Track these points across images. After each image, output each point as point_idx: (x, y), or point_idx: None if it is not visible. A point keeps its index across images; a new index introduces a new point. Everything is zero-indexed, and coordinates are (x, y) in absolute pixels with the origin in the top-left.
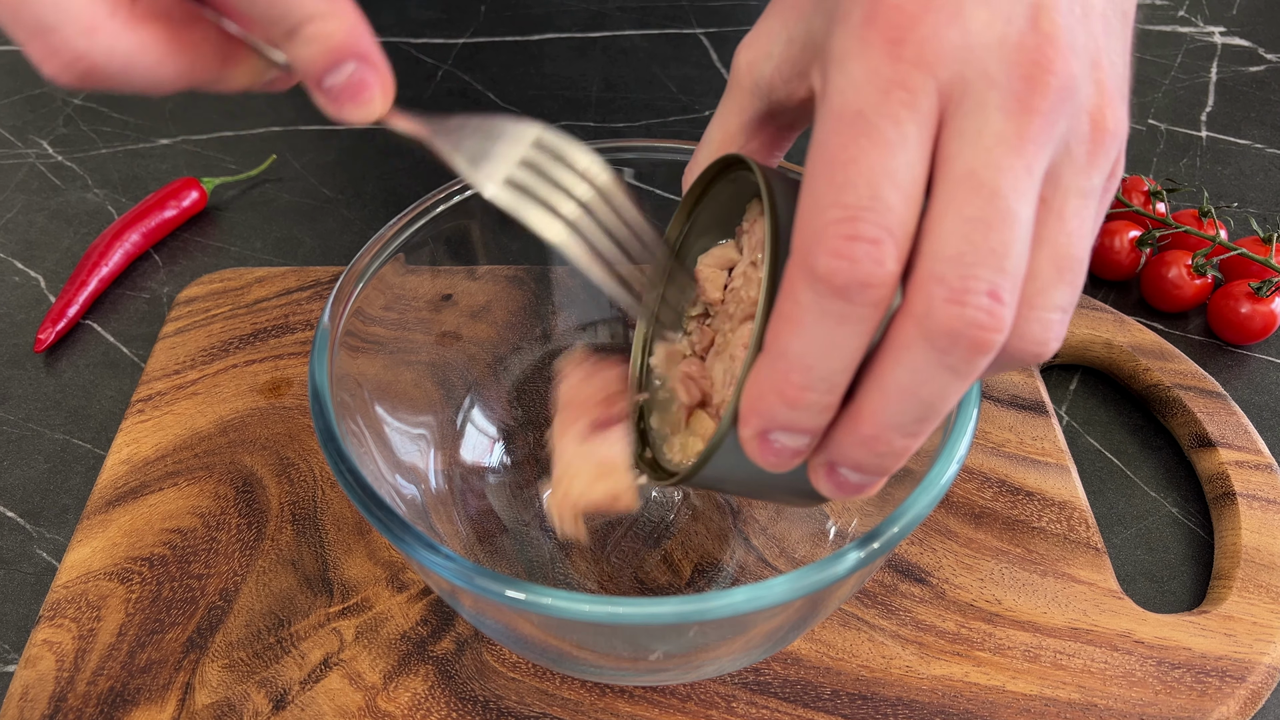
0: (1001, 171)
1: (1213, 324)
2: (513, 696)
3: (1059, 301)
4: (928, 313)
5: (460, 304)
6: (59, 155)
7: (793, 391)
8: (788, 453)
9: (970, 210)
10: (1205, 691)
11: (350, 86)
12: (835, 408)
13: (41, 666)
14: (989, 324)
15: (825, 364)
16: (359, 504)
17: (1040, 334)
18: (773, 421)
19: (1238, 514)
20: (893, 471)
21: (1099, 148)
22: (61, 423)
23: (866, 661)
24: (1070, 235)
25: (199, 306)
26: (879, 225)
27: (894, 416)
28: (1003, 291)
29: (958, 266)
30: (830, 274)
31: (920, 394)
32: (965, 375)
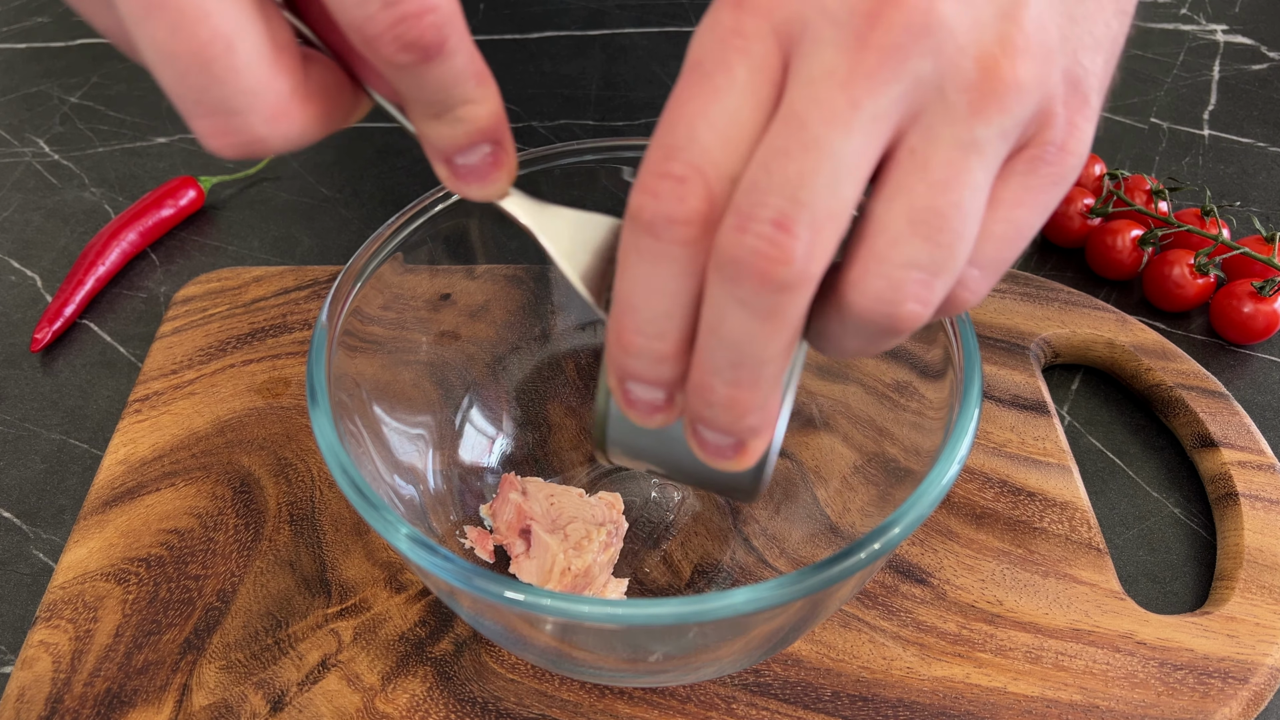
0: (816, 102)
1: (1215, 323)
2: (511, 698)
3: (911, 257)
4: (719, 244)
5: (459, 303)
6: (55, 154)
7: (626, 336)
8: (645, 405)
9: (776, 142)
10: (1208, 693)
11: (479, 169)
12: (673, 358)
13: (38, 668)
14: (771, 253)
15: (649, 306)
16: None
17: (885, 291)
18: (622, 369)
19: (1240, 514)
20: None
21: (989, 97)
22: (58, 423)
23: (867, 663)
24: (933, 186)
25: (196, 306)
26: (687, 164)
27: (711, 361)
28: (793, 222)
29: (748, 195)
30: (637, 210)
31: (724, 334)
32: (764, 314)
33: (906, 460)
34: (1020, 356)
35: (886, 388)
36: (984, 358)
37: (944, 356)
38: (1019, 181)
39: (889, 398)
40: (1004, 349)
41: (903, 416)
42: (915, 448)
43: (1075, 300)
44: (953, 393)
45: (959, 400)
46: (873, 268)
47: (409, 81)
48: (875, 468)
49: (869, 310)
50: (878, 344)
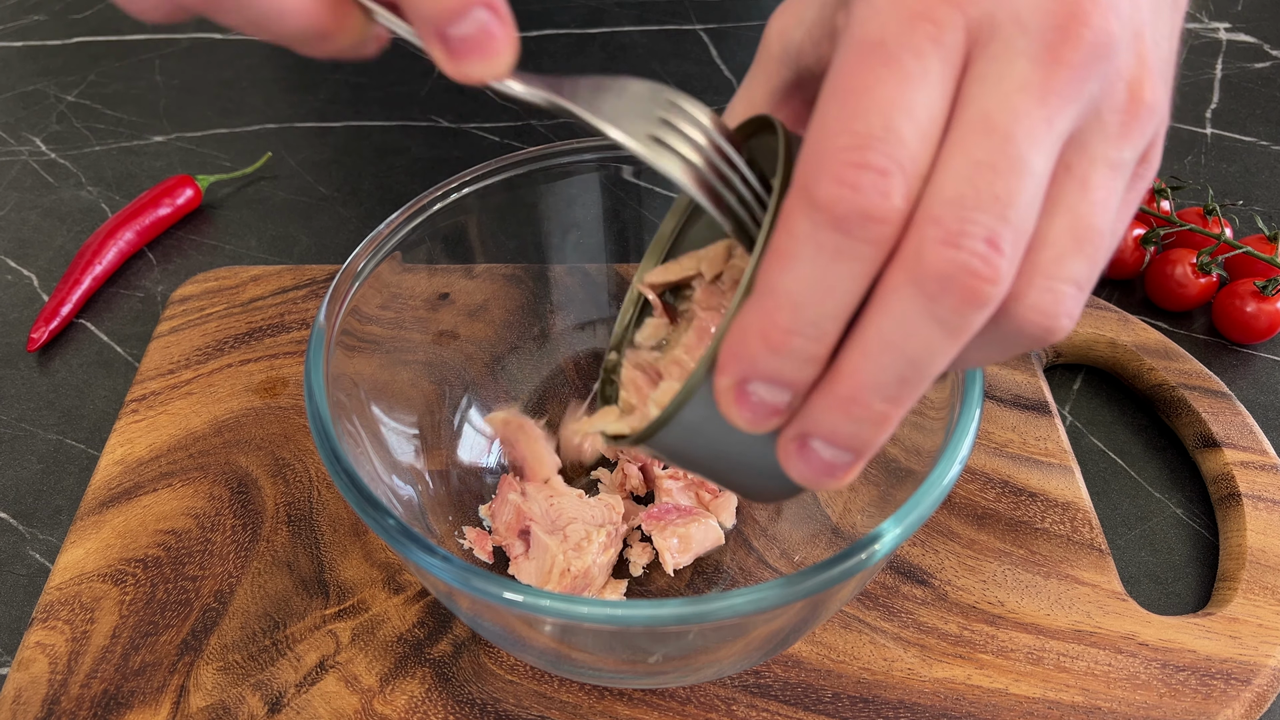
0: (1018, 118)
1: (1218, 323)
2: (510, 699)
3: (1073, 274)
4: (918, 255)
5: (457, 303)
6: (52, 153)
7: (778, 334)
8: (765, 409)
9: (978, 153)
10: (1210, 694)
11: (478, 38)
12: (822, 362)
13: (34, 669)
14: (983, 272)
15: (816, 305)
16: (355, 505)
17: (1049, 305)
18: (753, 368)
19: (1243, 515)
20: (868, 451)
21: (1134, 119)
22: (55, 423)
23: (868, 664)
24: (1093, 205)
25: (193, 305)
26: (889, 156)
27: (874, 373)
28: (1002, 241)
29: (956, 209)
30: (831, 202)
31: (904, 347)
32: (954, 331)
33: (907, 460)
34: (1022, 356)
35: None
36: None
37: None
38: (1125, 197)
39: None
40: None
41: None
42: (916, 448)
43: None
44: (954, 392)
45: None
46: (1038, 281)
47: None
48: (876, 468)
49: (1029, 323)
50: (1010, 355)
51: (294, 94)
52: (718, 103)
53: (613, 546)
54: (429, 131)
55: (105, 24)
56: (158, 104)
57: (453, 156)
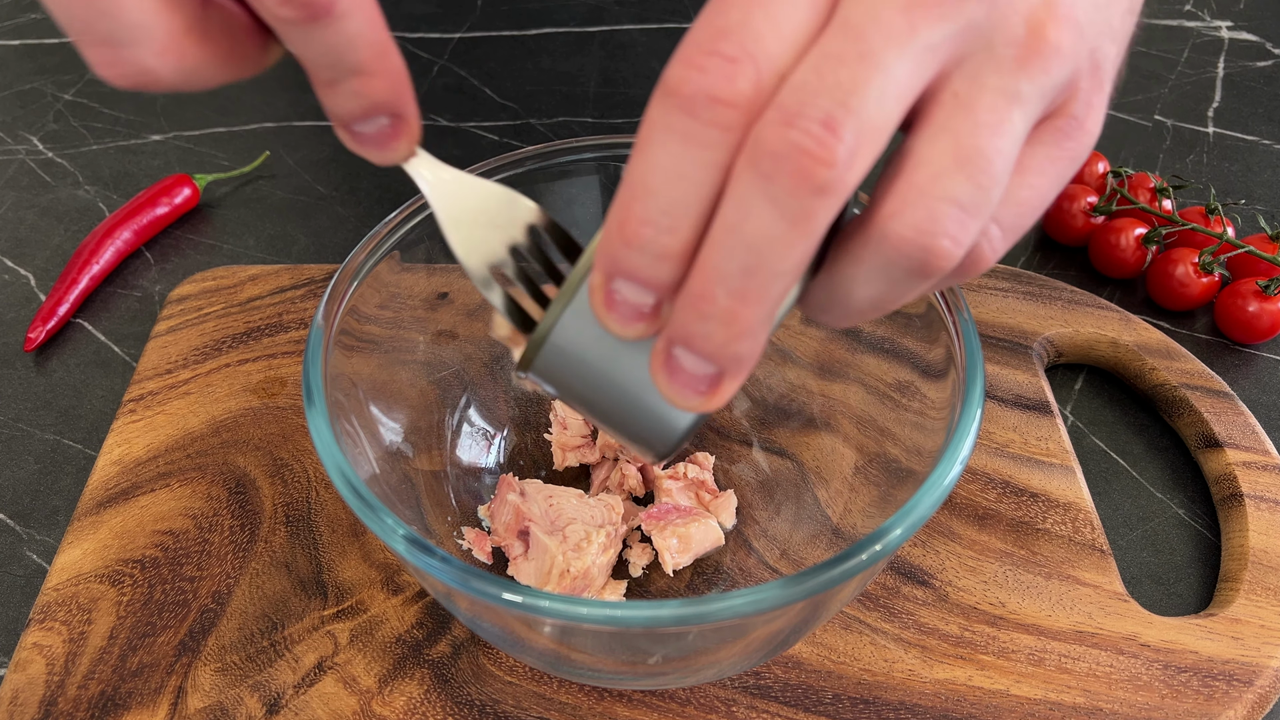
0: (876, 17)
1: (1220, 323)
2: (509, 701)
3: (953, 192)
4: (757, 137)
5: (456, 302)
6: (49, 151)
7: (632, 225)
8: (629, 310)
9: (830, 47)
10: (1212, 696)
11: (377, 138)
12: (678, 260)
13: (31, 670)
14: (815, 151)
15: (666, 193)
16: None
17: (924, 221)
18: (614, 263)
19: (1245, 515)
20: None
21: (1034, 55)
22: (52, 423)
23: (868, 665)
24: (979, 127)
25: (191, 305)
26: (739, 45)
27: (718, 263)
28: (840, 126)
29: (798, 93)
30: (676, 83)
31: (743, 232)
32: (793, 218)
33: (908, 461)
34: (1023, 356)
35: (888, 387)
36: (986, 357)
37: (946, 356)
38: (1043, 151)
39: (890, 397)
40: (1006, 348)
41: (904, 416)
42: (917, 448)
43: (1078, 299)
44: (955, 392)
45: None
46: (912, 199)
47: (298, 40)
48: (876, 468)
49: (905, 242)
50: (897, 289)
51: (292, 92)
52: None
53: (612, 547)
54: (427, 130)
55: None
56: (155, 103)
57: (451, 155)
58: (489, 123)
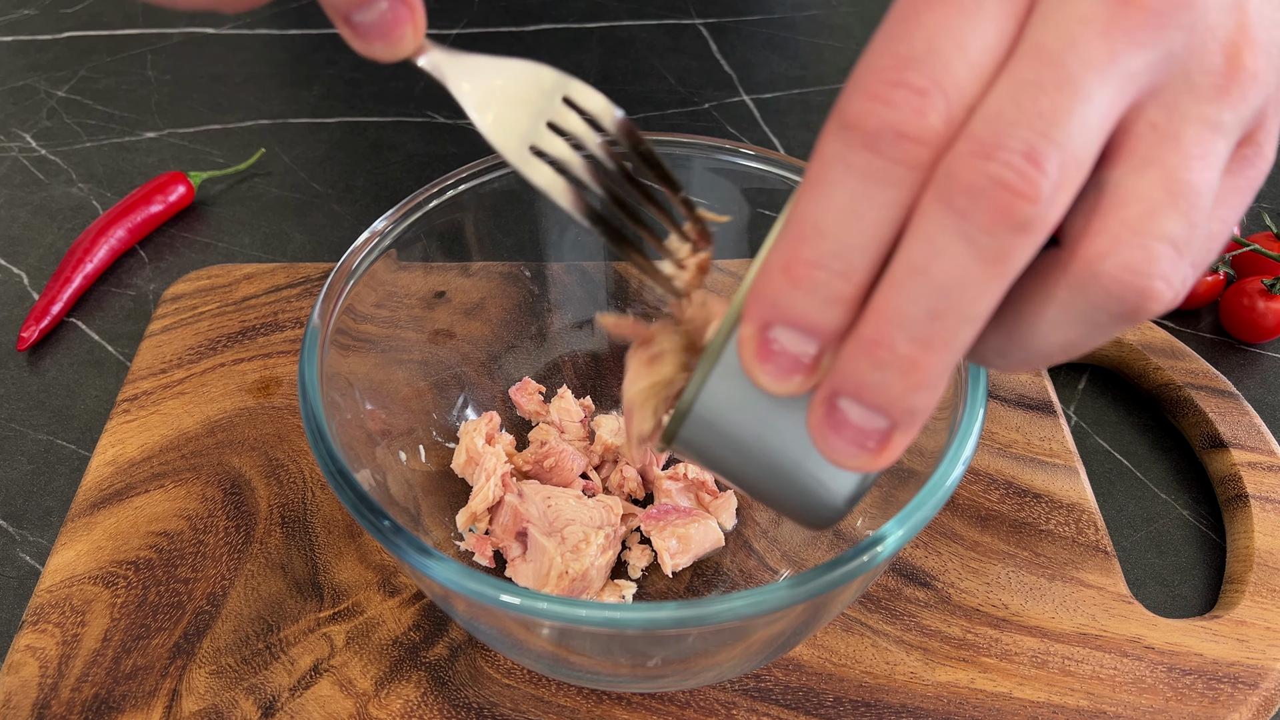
0: (1074, 43)
1: (1224, 322)
2: (507, 703)
3: (1168, 231)
4: (950, 170)
5: (453, 301)
6: (42, 149)
7: (801, 267)
8: (788, 362)
9: (1024, 74)
10: (1217, 698)
11: (381, 24)
12: (850, 305)
13: (24, 673)
14: (1018, 185)
15: (842, 234)
16: (350, 506)
17: (1140, 263)
18: (774, 309)
19: (1250, 516)
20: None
21: (1233, 84)
22: (45, 423)
23: (870, 668)
24: (1188, 159)
25: (186, 304)
26: (929, 76)
27: (900, 306)
28: (1044, 158)
29: (994, 124)
30: (861, 118)
31: (932, 274)
32: (990, 257)
33: (910, 461)
34: None
35: None
36: None
37: None
38: (1231, 182)
39: None
40: None
41: None
42: (919, 448)
43: None
44: (957, 392)
45: (964, 400)
46: (1126, 238)
47: None
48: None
49: (1118, 284)
50: (1095, 333)
51: (287, 89)
52: (718, 98)
53: (611, 548)
54: (424, 127)
55: (96, 18)
56: (149, 100)
57: (448, 152)
58: None
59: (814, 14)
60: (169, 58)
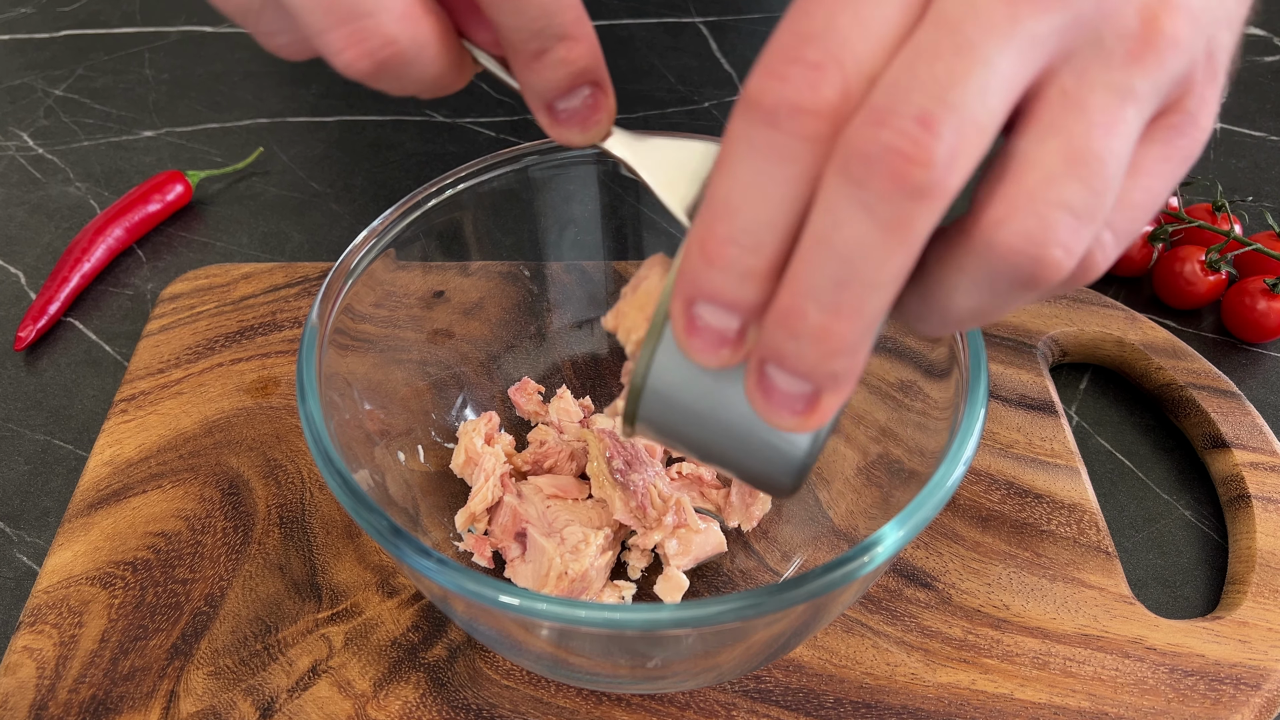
0: (974, 10)
1: (1227, 321)
2: (506, 705)
3: (1066, 197)
4: (846, 141)
5: (452, 301)
6: (39, 148)
7: (714, 244)
8: (712, 336)
9: (924, 42)
10: (1219, 700)
11: (582, 111)
12: (763, 279)
13: (21, 674)
14: (910, 151)
15: (750, 210)
16: (348, 506)
17: (1036, 230)
18: (696, 286)
19: (1253, 517)
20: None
21: (1147, 48)
22: (42, 423)
23: (870, 669)
24: (1091, 127)
25: (184, 303)
26: (824, 51)
27: (809, 277)
28: (938, 122)
29: (889, 91)
30: (757, 94)
31: (836, 244)
32: (889, 225)
33: (911, 461)
34: (1027, 355)
35: (890, 387)
36: (990, 356)
37: (949, 355)
38: (1156, 150)
39: (893, 397)
40: (1010, 347)
41: (907, 416)
42: (920, 448)
43: (1083, 298)
44: (958, 392)
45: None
46: (1023, 204)
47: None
48: (879, 469)
49: (1014, 251)
50: (1001, 300)
51: (286, 88)
52: (718, 96)
53: (611, 549)
54: (423, 126)
55: (93, 17)
56: (147, 98)
57: (448, 152)
58: (486, 118)
59: None
60: (167, 56)
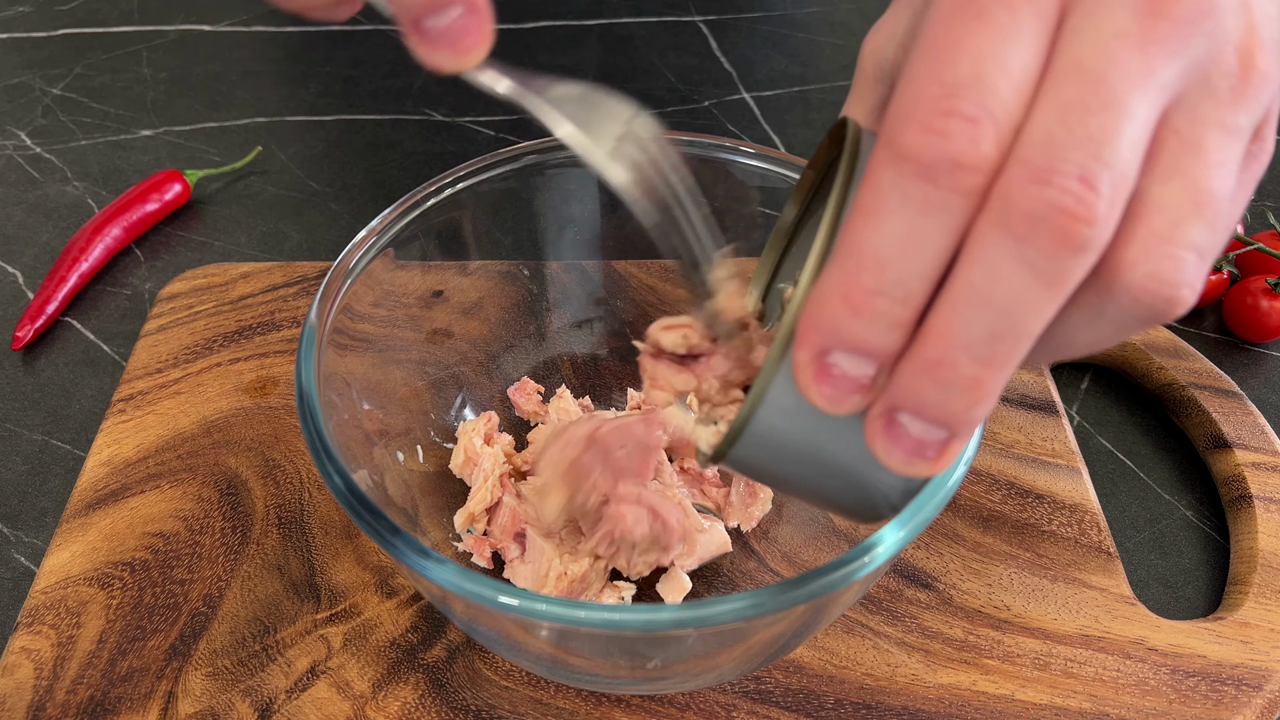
0: (1113, 61)
1: (1228, 321)
2: (506, 706)
3: (1194, 239)
4: (1006, 197)
5: (451, 300)
6: (37, 147)
7: (861, 295)
8: (847, 384)
9: (1070, 95)
10: (1221, 700)
11: (451, 33)
12: (908, 328)
13: (19, 675)
14: (1076, 210)
15: (902, 263)
16: (347, 507)
17: (1169, 273)
18: (834, 336)
19: (1254, 517)
20: (961, 426)
21: (1246, 85)
22: (40, 423)
23: (871, 670)
24: (1210, 168)
25: (182, 303)
26: (978, 104)
27: (962, 329)
28: (1098, 180)
29: (1046, 148)
30: (917, 150)
31: (993, 297)
32: (1049, 279)
33: None
34: None
35: None
36: None
37: None
38: (1242, 178)
39: None
40: None
41: None
42: None
43: None
44: None
45: None
46: (1154, 247)
47: None
48: None
49: (1145, 292)
50: (1121, 334)
51: (284, 87)
52: (718, 96)
53: None
54: (422, 125)
55: (91, 15)
56: (145, 97)
57: (447, 151)
58: (485, 118)
59: (814, 11)
60: (165, 55)
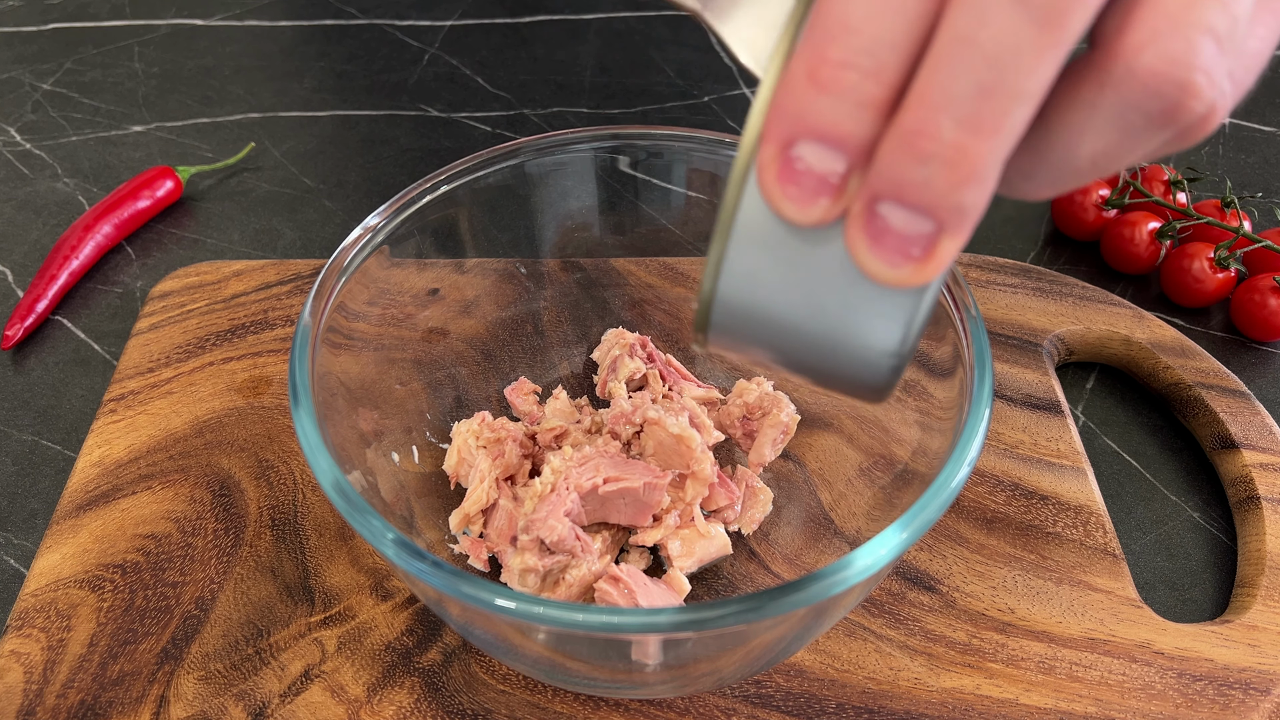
0: None
1: (1236, 320)
2: (503, 710)
3: (1209, 21)
4: None
5: (447, 299)
6: (27, 143)
7: (828, 69)
8: (812, 182)
9: None
10: (1228, 704)
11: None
12: (881, 110)
13: (9, 678)
14: None
15: (873, 25)
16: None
17: (1180, 53)
18: (799, 122)
19: (1262, 519)
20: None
21: None
22: (30, 423)
23: (873, 673)
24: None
25: (174, 301)
26: None
27: (945, 85)
28: None
29: None
30: None
31: (980, 44)
32: (1046, 20)
33: (914, 462)
34: (1033, 354)
35: None
36: (995, 355)
37: (953, 354)
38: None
39: (896, 397)
40: (1016, 346)
41: (910, 416)
42: (923, 449)
43: (1090, 295)
44: (962, 392)
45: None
46: (1165, 27)
47: None
48: (881, 470)
49: (1157, 77)
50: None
51: (278, 82)
52: (718, 91)
53: (609, 552)
54: (418, 121)
55: (82, 9)
56: (136, 92)
57: (442, 147)
58: (481, 113)
59: None
60: (156, 50)
